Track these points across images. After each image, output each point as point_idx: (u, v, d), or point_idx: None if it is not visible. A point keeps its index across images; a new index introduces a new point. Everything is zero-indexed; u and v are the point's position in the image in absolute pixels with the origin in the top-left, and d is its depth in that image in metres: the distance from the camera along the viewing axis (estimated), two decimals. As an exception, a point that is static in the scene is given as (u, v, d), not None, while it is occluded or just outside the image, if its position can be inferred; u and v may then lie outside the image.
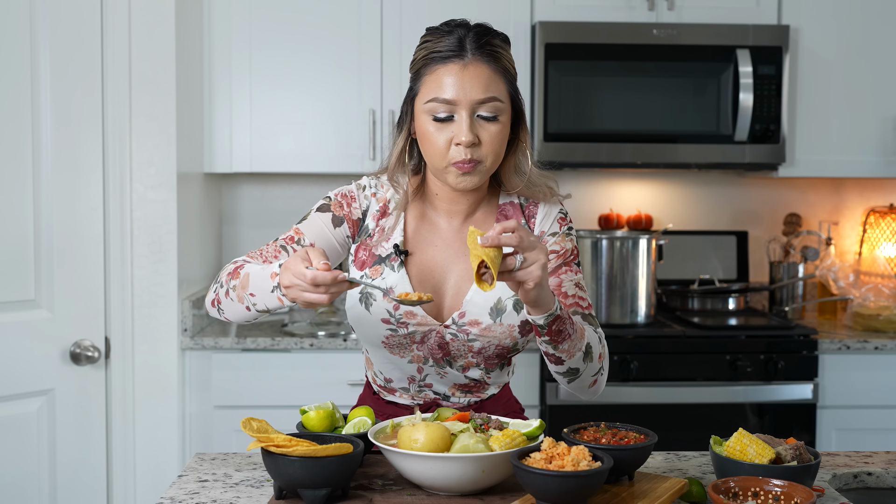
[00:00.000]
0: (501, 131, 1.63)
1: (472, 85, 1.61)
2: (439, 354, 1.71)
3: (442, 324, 1.70)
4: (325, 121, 3.17)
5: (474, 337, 1.69)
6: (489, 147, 1.62)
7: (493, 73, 1.63)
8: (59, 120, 2.53)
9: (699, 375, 2.98)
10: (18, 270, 2.48)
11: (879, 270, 3.40)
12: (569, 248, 1.75)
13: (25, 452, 2.52)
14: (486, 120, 1.62)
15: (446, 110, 1.61)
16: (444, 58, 1.63)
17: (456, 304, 1.71)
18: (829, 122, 3.25)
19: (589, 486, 1.31)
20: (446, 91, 1.61)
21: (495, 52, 1.65)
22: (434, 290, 1.71)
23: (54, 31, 2.51)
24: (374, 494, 1.47)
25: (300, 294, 1.47)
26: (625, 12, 3.18)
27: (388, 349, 1.73)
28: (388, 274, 1.70)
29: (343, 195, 1.75)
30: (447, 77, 1.61)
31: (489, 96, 1.61)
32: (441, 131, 1.62)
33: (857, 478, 1.66)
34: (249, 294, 1.60)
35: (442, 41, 1.64)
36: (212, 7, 3.11)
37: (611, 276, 3.09)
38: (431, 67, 1.64)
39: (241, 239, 3.54)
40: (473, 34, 1.65)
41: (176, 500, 1.48)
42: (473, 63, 1.62)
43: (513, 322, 1.69)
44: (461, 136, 1.59)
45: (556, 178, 1.82)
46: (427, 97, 1.63)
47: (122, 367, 2.75)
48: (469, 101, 1.60)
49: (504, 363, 1.78)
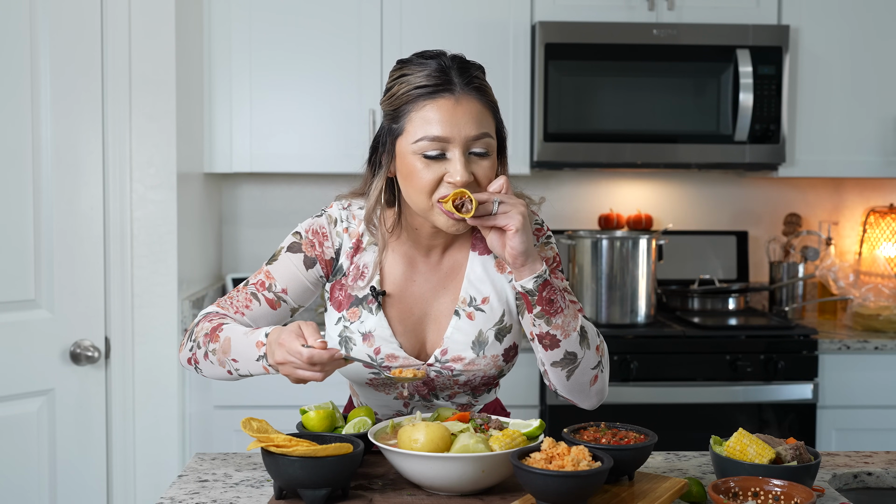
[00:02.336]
0: (492, 167, 1.57)
1: (466, 121, 1.53)
2: (425, 391, 1.70)
3: (425, 363, 1.67)
4: (324, 121, 3.17)
5: (459, 372, 1.66)
6: (484, 183, 1.55)
7: (484, 108, 1.57)
8: (59, 120, 2.53)
9: (699, 375, 2.98)
10: (18, 270, 2.48)
11: (879, 270, 3.40)
12: (550, 256, 1.70)
13: (25, 452, 2.52)
14: (478, 157, 1.55)
15: (438, 148, 1.53)
16: (433, 93, 1.54)
17: (437, 341, 1.68)
18: (829, 122, 3.25)
19: (589, 486, 1.31)
20: (438, 128, 1.52)
21: (483, 85, 1.58)
22: (414, 328, 1.68)
23: (54, 31, 2.51)
24: (374, 494, 1.47)
25: (293, 371, 1.46)
26: (625, 12, 3.18)
27: (374, 388, 1.72)
28: (366, 317, 1.66)
29: (314, 232, 1.68)
30: (439, 113, 1.53)
31: (482, 132, 1.55)
32: (430, 169, 1.54)
33: (857, 478, 1.66)
34: (232, 360, 1.58)
35: (423, 73, 1.55)
36: (212, 7, 3.11)
37: (611, 276, 3.09)
38: (418, 104, 1.54)
39: (241, 239, 3.54)
40: (457, 66, 1.56)
41: (176, 500, 1.48)
42: (465, 98, 1.54)
43: (496, 352, 1.66)
44: (456, 175, 1.52)
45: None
46: (416, 136, 1.54)
47: (122, 367, 2.75)
48: (463, 139, 1.53)
49: (492, 387, 1.76)
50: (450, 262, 1.70)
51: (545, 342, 1.57)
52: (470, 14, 3.17)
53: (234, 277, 3.37)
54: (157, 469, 2.82)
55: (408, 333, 1.68)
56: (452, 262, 1.70)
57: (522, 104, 3.18)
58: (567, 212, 3.55)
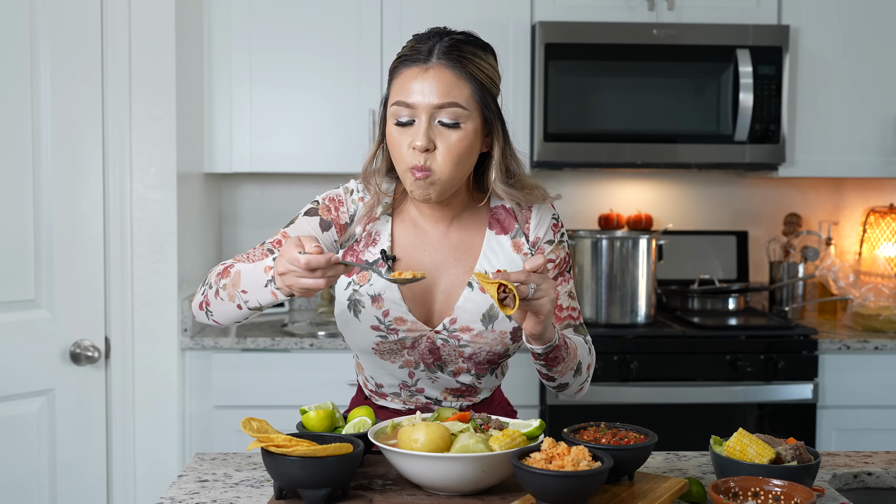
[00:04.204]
0: (462, 139, 1.59)
1: (432, 89, 1.57)
2: (430, 359, 1.71)
3: (432, 329, 1.69)
4: (324, 121, 3.17)
5: (465, 343, 1.68)
6: (445, 155, 1.58)
7: (456, 79, 1.59)
8: (59, 120, 2.53)
9: (699, 375, 2.98)
10: (18, 270, 2.48)
11: (879, 270, 3.40)
12: (563, 256, 1.75)
13: (25, 452, 2.52)
14: (445, 126, 1.58)
15: (408, 114, 1.59)
16: (407, 60, 1.61)
17: (447, 310, 1.70)
18: (829, 122, 3.25)
19: (589, 486, 1.31)
20: (407, 94, 1.58)
21: (463, 57, 1.60)
22: (423, 296, 1.70)
23: (54, 31, 2.51)
24: (374, 494, 1.47)
25: (296, 281, 1.45)
26: (625, 12, 3.18)
27: (379, 355, 1.72)
28: (375, 279, 1.68)
29: (331, 199, 1.74)
30: (409, 81, 1.59)
31: (448, 101, 1.57)
32: (402, 135, 1.60)
33: (857, 478, 1.66)
34: (241, 291, 1.58)
35: (414, 45, 1.62)
36: (212, 7, 3.11)
37: (611, 276, 3.09)
38: (399, 70, 1.62)
39: (241, 239, 3.54)
40: (447, 41, 1.61)
41: (176, 500, 1.48)
42: (436, 67, 1.58)
43: (504, 329, 1.68)
44: (416, 140, 1.57)
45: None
46: (392, 100, 1.61)
47: (122, 367, 2.75)
48: (427, 105, 1.57)
49: (495, 368, 1.77)
50: (462, 237, 1.72)
51: (542, 375, 1.67)
52: (470, 14, 3.17)
53: (234, 277, 3.37)
54: (157, 469, 2.82)
55: (416, 300, 1.69)
56: (465, 237, 1.72)
57: (522, 104, 3.18)
58: (567, 212, 3.55)
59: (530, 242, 1.73)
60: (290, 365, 2.92)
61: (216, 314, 1.65)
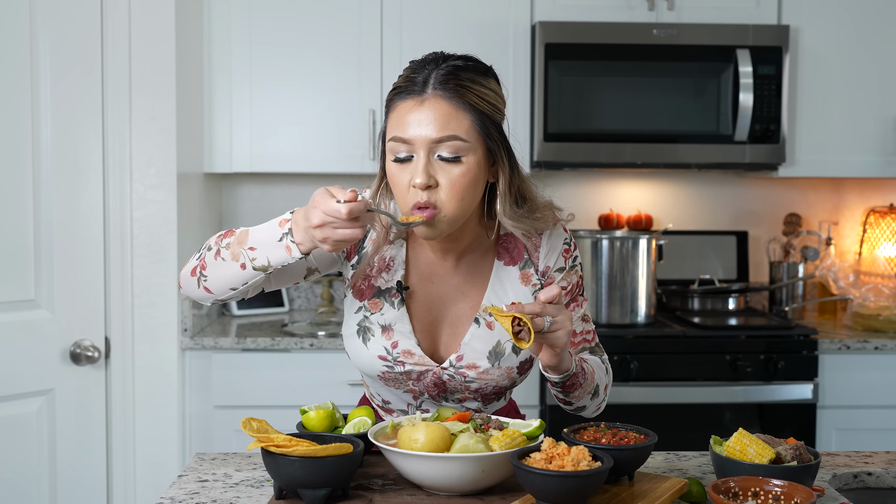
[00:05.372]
0: (465, 174, 1.51)
1: (428, 122, 1.49)
2: (435, 392, 1.69)
3: (439, 365, 1.66)
4: (324, 121, 3.17)
5: (472, 379, 1.66)
6: (449, 192, 1.50)
7: (455, 110, 1.50)
8: (59, 120, 2.53)
9: (699, 375, 2.98)
10: (18, 270, 2.48)
11: (879, 270, 3.40)
12: (575, 281, 1.70)
13: (25, 452, 2.52)
14: (446, 161, 1.50)
15: (406, 150, 1.51)
16: (401, 93, 1.53)
17: (453, 346, 1.67)
18: (829, 122, 3.25)
19: (589, 486, 1.31)
20: (403, 129, 1.51)
21: (461, 86, 1.51)
22: (431, 329, 1.68)
23: (54, 32, 2.51)
24: (374, 494, 1.47)
25: (333, 232, 1.40)
26: (625, 12, 3.18)
27: (384, 381, 1.71)
28: (387, 310, 1.66)
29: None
30: (404, 114, 1.51)
31: (447, 135, 1.49)
32: (402, 172, 1.52)
33: (857, 478, 1.66)
34: (248, 248, 1.51)
35: (410, 76, 1.54)
36: (212, 7, 3.11)
37: (611, 276, 3.09)
38: (394, 103, 1.54)
39: (241, 239, 3.53)
40: (444, 68, 1.52)
41: (176, 500, 1.48)
42: (432, 99, 1.50)
43: (511, 364, 1.66)
44: (416, 178, 1.49)
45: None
46: (389, 135, 1.54)
47: (122, 367, 2.75)
48: (425, 140, 1.49)
49: (501, 396, 1.76)
50: (471, 268, 1.68)
51: (559, 400, 1.65)
52: (470, 14, 3.17)
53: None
54: (157, 469, 2.82)
55: (423, 332, 1.67)
56: (474, 268, 1.68)
57: (522, 104, 3.18)
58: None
59: (539, 272, 1.68)
60: (290, 365, 2.92)
61: (211, 279, 1.57)
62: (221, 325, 3.14)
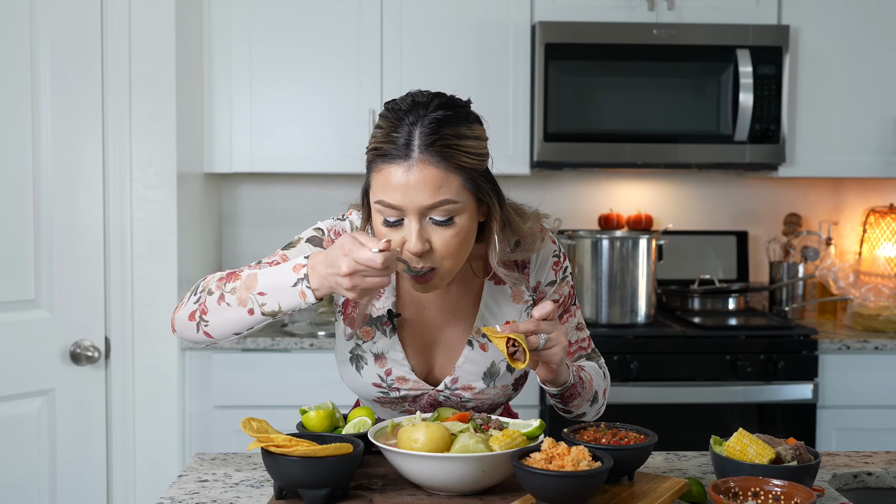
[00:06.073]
0: (458, 234, 1.48)
1: (419, 189, 1.44)
2: (430, 412, 1.70)
3: (434, 388, 1.67)
4: (324, 121, 3.17)
5: (468, 399, 1.67)
6: (443, 252, 1.49)
7: (444, 173, 1.45)
8: (58, 120, 2.53)
9: (699, 375, 2.98)
10: (18, 270, 2.48)
11: (879, 270, 3.40)
12: (566, 293, 1.70)
13: (25, 452, 2.52)
14: (438, 224, 1.47)
15: (395, 214, 1.47)
16: (390, 157, 1.45)
17: (447, 368, 1.67)
18: (829, 122, 3.25)
19: (589, 486, 1.31)
20: (392, 195, 1.45)
21: (448, 147, 1.45)
22: (424, 353, 1.68)
23: (54, 31, 2.51)
24: (374, 494, 1.47)
25: (363, 280, 1.37)
26: (625, 12, 3.18)
27: (380, 405, 1.72)
28: (378, 338, 1.65)
29: (336, 232, 1.64)
30: (392, 180, 1.45)
31: (439, 200, 1.45)
32: (393, 233, 1.49)
33: (857, 478, 1.66)
34: (257, 294, 1.47)
35: (390, 133, 1.46)
36: (212, 7, 3.11)
37: (611, 276, 3.09)
38: (377, 166, 1.47)
39: (241, 239, 3.54)
40: (426, 126, 1.45)
41: (176, 500, 1.48)
42: (420, 165, 1.44)
43: (507, 383, 1.67)
44: (410, 244, 1.46)
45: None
46: (376, 197, 1.49)
47: (122, 367, 2.75)
48: (416, 208, 1.45)
49: (497, 409, 1.77)
50: (462, 291, 1.68)
51: (557, 407, 1.65)
52: (470, 14, 3.17)
53: (234, 277, 3.37)
54: (157, 469, 2.82)
55: (417, 357, 1.67)
56: (465, 290, 1.68)
57: (522, 104, 3.18)
58: (567, 212, 3.55)
59: (531, 288, 1.68)
60: (290, 365, 2.92)
61: (213, 324, 1.52)
62: (221, 325, 3.14)
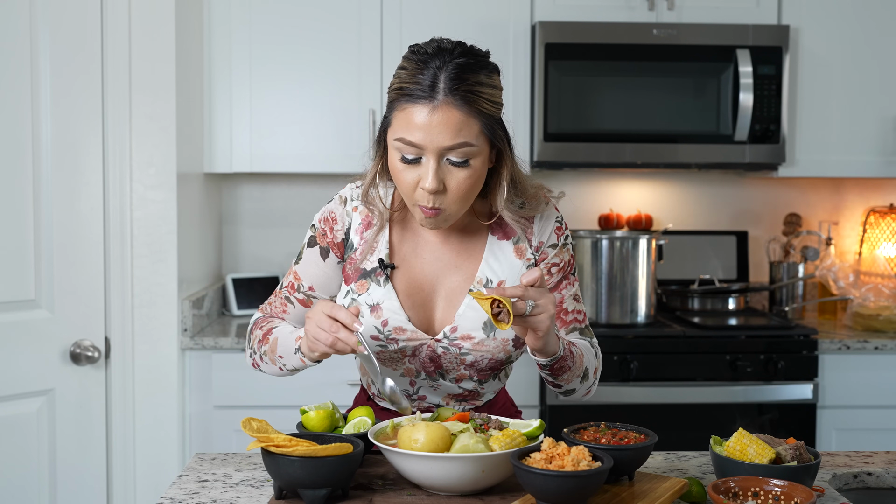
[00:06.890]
0: (471, 176, 1.55)
1: (441, 130, 1.51)
2: (431, 367, 1.70)
3: (433, 338, 1.68)
4: (324, 121, 3.17)
5: (467, 351, 1.67)
6: (455, 194, 1.55)
7: (466, 117, 1.52)
8: (59, 120, 2.53)
9: (699, 375, 2.98)
10: (18, 270, 2.48)
11: (879, 270, 3.40)
12: (567, 259, 1.73)
13: (25, 452, 2.52)
14: (455, 165, 1.54)
15: (414, 152, 1.53)
16: (415, 97, 1.52)
17: (447, 318, 1.69)
18: (829, 122, 3.25)
19: (589, 486, 1.31)
20: (413, 134, 1.52)
21: (471, 92, 1.52)
22: (424, 304, 1.69)
23: (54, 32, 2.51)
24: (374, 494, 1.47)
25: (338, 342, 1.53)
26: (625, 12, 3.18)
27: (380, 363, 1.72)
28: (373, 289, 1.67)
29: (324, 220, 1.72)
30: (415, 119, 1.51)
31: (459, 142, 1.52)
32: (409, 171, 1.55)
33: (857, 478, 1.66)
34: (279, 356, 1.68)
35: (416, 75, 1.52)
36: (212, 7, 3.11)
37: (611, 276, 3.09)
38: (401, 104, 1.54)
39: (241, 239, 3.54)
40: (450, 71, 1.51)
41: (176, 500, 1.48)
42: (444, 107, 1.50)
43: (506, 336, 1.68)
44: (426, 182, 1.53)
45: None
46: (396, 135, 1.55)
47: (122, 367, 2.75)
48: (436, 147, 1.52)
49: (498, 372, 1.77)
50: (463, 243, 1.70)
51: (548, 382, 1.66)
52: (470, 14, 3.17)
53: (234, 277, 3.37)
54: (157, 469, 2.82)
55: (416, 308, 1.68)
56: (467, 241, 1.70)
57: (522, 104, 3.18)
58: (567, 212, 3.55)
59: (533, 247, 1.71)
60: (290, 365, 2.92)
61: (267, 372, 1.76)
62: (221, 325, 3.14)
